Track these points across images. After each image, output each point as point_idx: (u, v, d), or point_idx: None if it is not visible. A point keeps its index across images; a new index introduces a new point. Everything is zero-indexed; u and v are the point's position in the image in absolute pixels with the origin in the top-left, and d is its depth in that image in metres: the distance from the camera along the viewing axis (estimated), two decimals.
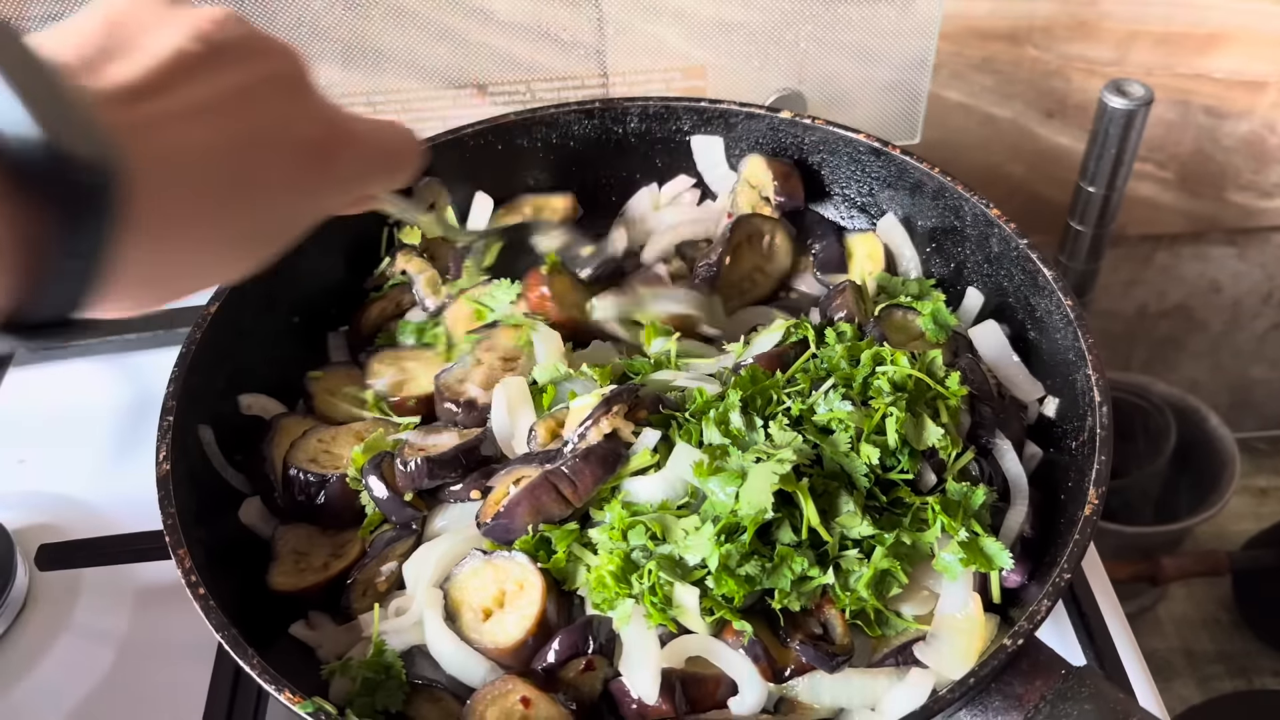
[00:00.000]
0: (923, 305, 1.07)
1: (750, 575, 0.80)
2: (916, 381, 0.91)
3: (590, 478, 0.85)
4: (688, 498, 0.85)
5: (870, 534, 0.84)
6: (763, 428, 0.87)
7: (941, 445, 0.89)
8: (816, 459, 0.86)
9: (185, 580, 0.82)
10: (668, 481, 0.85)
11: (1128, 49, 1.57)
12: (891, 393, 0.90)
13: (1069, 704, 0.75)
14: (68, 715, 1.05)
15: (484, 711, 0.80)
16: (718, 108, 1.23)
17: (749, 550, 0.80)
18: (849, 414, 0.87)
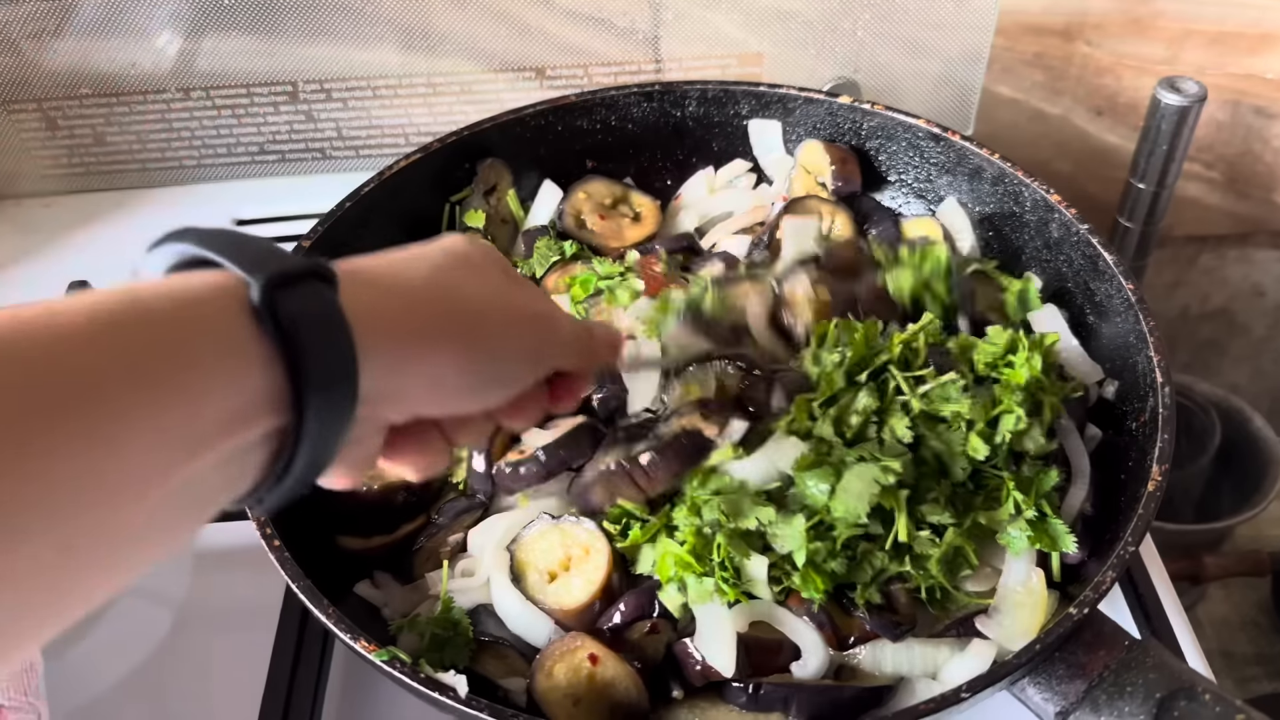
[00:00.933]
0: (1011, 283, 1.08)
1: (835, 571, 0.81)
2: (1038, 383, 0.91)
3: (666, 472, 0.86)
4: (776, 484, 0.86)
5: (950, 522, 0.84)
6: (876, 424, 0.87)
7: (1038, 448, 0.90)
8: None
9: (261, 534, 0.84)
10: (759, 467, 0.86)
11: (1180, 47, 1.58)
12: (1019, 390, 0.90)
13: (1133, 673, 0.76)
14: (128, 675, 1.06)
15: (552, 667, 0.81)
16: (776, 92, 1.24)
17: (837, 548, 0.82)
18: (969, 407, 0.88)
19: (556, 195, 1.24)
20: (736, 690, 0.81)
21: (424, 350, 0.58)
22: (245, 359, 0.47)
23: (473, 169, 1.23)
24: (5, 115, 1.45)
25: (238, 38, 1.39)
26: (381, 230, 1.15)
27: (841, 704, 0.81)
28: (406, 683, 0.75)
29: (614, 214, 1.26)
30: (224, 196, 1.52)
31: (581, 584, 0.86)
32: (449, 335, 0.59)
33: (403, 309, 0.57)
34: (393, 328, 0.56)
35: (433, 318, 0.59)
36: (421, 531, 0.95)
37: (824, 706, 0.80)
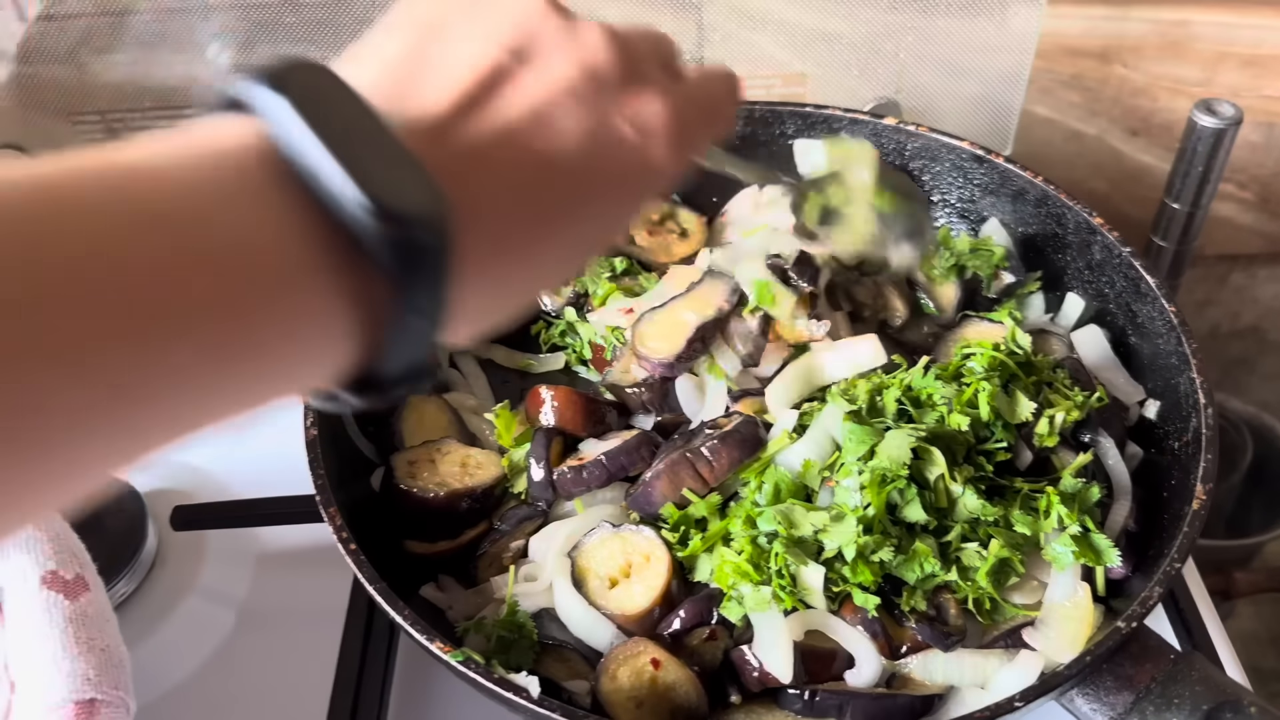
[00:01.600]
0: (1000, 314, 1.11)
1: (884, 560, 0.84)
2: (1005, 362, 0.96)
3: (728, 459, 0.90)
4: (834, 456, 0.89)
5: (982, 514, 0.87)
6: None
7: (1038, 423, 0.94)
8: None
9: (337, 536, 0.87)
10: (815, 441, 0.89)
11: (1215, 70, 1.60)
12: (984, 371, 0.94)
13: (1179, 685, 0.79)
14: (192, 673, 1.09)
15: (616, 670, 0.85)
16: (822, 113, 1.27)
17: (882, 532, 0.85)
18: (942, 387, 0.93)
19: None
20: (792, 697, 0.85)
21: (536, 249, 0.51)
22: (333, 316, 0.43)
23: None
24: (68, 124, 1.50)
25: (291, 51, 1.43)
26: None
27: (894, 712, 0.84)
28: (480, 683, 0.78)
29: (661, 230, 1.29)
30: None
31: (643, 590, 0.89)
32: (559, 214, 0.51)
33: (512, 199, 0.49)
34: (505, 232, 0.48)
35: (541, 194, 0.50)
36: (484, 537, 0.99)
37: (877, 714, 0.83)
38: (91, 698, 0.79)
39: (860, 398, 0.95)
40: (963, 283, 1.14)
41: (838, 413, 0.92)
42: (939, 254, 1.15)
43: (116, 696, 0.80)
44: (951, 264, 1.14)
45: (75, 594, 0.84)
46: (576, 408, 1.03)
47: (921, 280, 1.15)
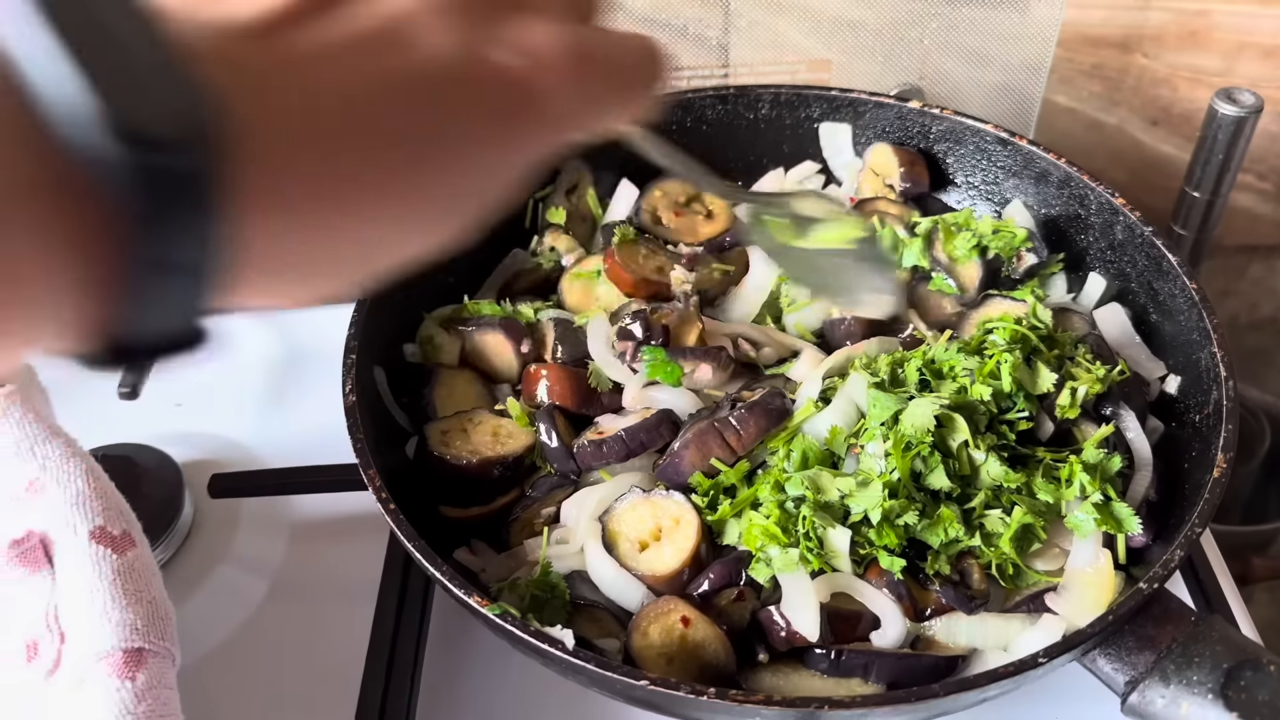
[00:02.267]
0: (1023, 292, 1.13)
1: (909, 524, 0.87)
2: (1026, 335, 0.98)
3: (755, 428, 0.92)
4: (859, 424, 0.92)
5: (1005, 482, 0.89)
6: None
7: (1059, 394, 0.96)
8: None
9: (376, 497, 0.90)
10: (841, 409, 0.92)
11: (1235, 60, 1.62)
12: (1006, 344, 0.96)
13: (1200, 645, 0.80)
14: (227, 639, 1.12)
15: (647, 628, 0.87)
16: (847, 96, 1.29)
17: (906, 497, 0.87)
18: (964, 359, 0.95)
19: (633, 194, 1.30)
20: (819, 656, 0.87)
21: (341, 204, 0.41)
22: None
23: (555, 167, 1.29)
24: None
25: None
26: None
27: (919, 671, 0.85)
28: (517, 635, 0.80)
29: (688, 211, 1.31)
30: None
31: (673, 552, 0.91)
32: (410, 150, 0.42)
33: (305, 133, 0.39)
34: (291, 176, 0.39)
35: (383, 122, 0.41)
36: (516, 504, 1.01)
37: (902, 673, 0.85)
38: (139, 647, 0.81)
39: (882, 370, 0.98)
40: (985, 263, 1.16)
41: (862, 382, 0.94)
42: (961, 235, 1.17)
43: (163, 647, 0.83)
44: (974, 245, 1.16)
45: (123, 549, 0.86)
46: (569, 384, 1.05)
47: (943, 260, 1.16)
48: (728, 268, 1.19)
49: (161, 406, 1.32)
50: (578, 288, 1.20)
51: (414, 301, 1.16)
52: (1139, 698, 0.81)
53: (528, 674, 1.00)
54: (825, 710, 0.76)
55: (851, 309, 1.08)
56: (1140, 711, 0.81)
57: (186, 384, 1.35)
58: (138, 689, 0.79)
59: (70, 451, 0.91)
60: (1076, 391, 0.97)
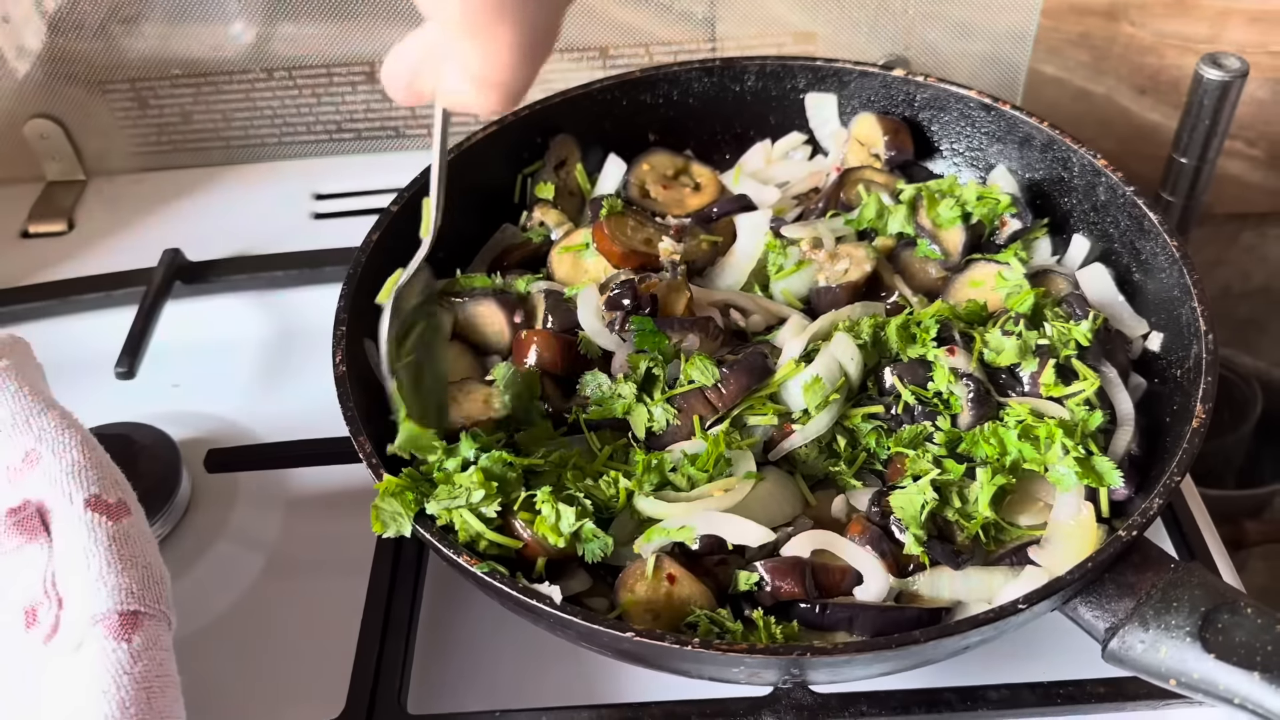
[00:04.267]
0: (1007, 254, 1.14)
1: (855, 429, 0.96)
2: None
3: (736, 386, 0.93)
4: (841, 381, 0.93)
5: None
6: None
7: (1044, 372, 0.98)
8: None
9: (367, 463, 0.91)
10: (824, 365, 0.93)
11: (1222, 26, 1.62)
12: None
13: (1179, 590, 0.82)
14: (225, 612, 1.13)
15: (634, 584, 0.88)
16: (832, 66, 1.30)
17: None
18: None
19: (621, 168, 1.31)
20: (804, 610, 0.88)
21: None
22: None
23: (544, 143, 1.30)
24: (99, 95, 1.54)
25: (318, 21, 1.47)
26: (458, 200, 1.21)
27: (901, 623, 0.86)
28: (506, 592, 0.81)
29: (675, 184, 1.32)
30: (303, 173, 1.61)
31: None
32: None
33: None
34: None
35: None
36: None
37: (884, 625, 0.86)
38: (135, 609, 0.82)
39: (865, 332, 0.99)
40: (968, 228, 1.17)
41: (846, 339, 0.95)
42: (944, 201, 1.17)
43: (158, 610, 0.84)
44: (957, 211, 1.16)
45: (118, 516, 0.88)
46: (558, 350, 1.06)
47: (927, 226, 1.17)
48: (715, 238, 1.19)
49: (158, 386, 1.33)
50: (567, 261, 1.21)
51: None
52: (1119, 643, 0.82)
53: (521, 635, 1.02)
54: (808, 657, 0.77)
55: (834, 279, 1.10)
56: (1120, 657, 0.82)
57: (182, 364, 1.37)
58: (134, 650, 0.80)
59: (65, 423, 0.93)
60: (1057, 362, 0.99)
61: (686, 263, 1.15)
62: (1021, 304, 1.03)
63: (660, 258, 1.16)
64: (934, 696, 0.91)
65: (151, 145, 1.59)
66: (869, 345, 1.01)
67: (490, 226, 1.28)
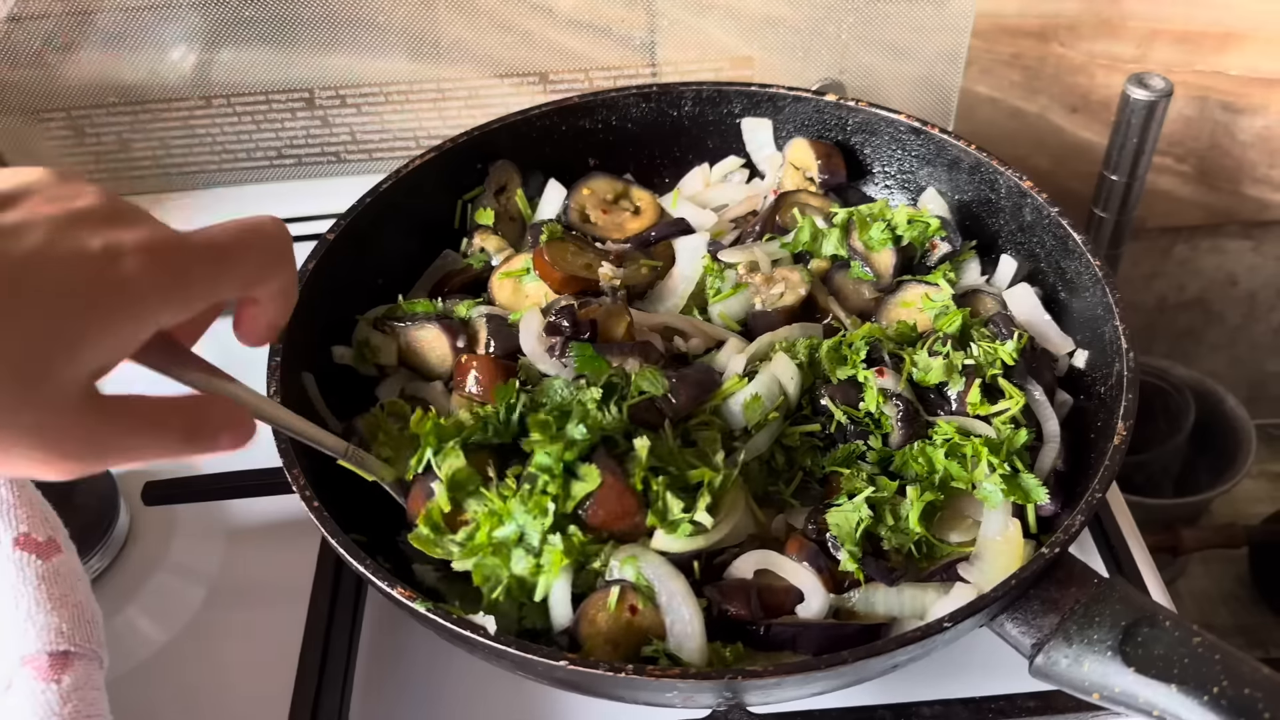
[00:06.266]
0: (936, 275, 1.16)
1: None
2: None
3: (686, 397, 0.95)
4: (780, 400, 0.95)
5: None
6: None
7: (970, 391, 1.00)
8: None
9: (301, 495, 0.91)
10: (764, 384, 0.96)
11: (1149, 46, 1.67)
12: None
13: (1100, 605, 0.83)
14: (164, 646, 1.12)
15: (595, 615, 0.88)
16: (767, 91, 1.32)
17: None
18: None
19: (561, 193, 1.32)
20: (750, 631, 0.89)
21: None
22: None
23: (484, 169, 1.30)
24: (35, 124, 1.53)
25: (257, 48, 1.47)
26: (398, 226, 1.22)
27: (841, 640, 0.87)
28: (441, 625, 0.81)
29: (615, 208, 1.33)
30: (243, 199, 1.60)
31: None
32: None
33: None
34: None
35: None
36: None
37: (826, 643, 0.88)
38: (65, 650, 0.82)
39: (800, 353, 1.01)
40: (899, 250, 1.19)
41: (786, 360, 0.98)
42: (875, 224, 1.19)
43: (89, 649, 0.84)
44: (888, 234, 1.18)
45: (48, 555, 0.87)
46: (497, 375, 1.06)
47: (860, 248, 1.19)
48: (655, 263, 1.21)
49: None
50: (507, 286, 1.21)
51: (343, 304, 1.17)
52: (1044, 659, 0.84)
53: (463, 663, 1.02)
54: (740, 680, 0.78)
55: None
56: (1046, 672, 0.84)
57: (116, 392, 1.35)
58: (63, 690, 0.80)
59: None
60: (983, 381, 1.01)
61: (626, 287, 1.17)
62: (949, 325, 1.06)
63: (600, 283, 1.17)
64: (869, 714, 0.92)
65: (89, 174, 1.58)
66: (805, 365, 1.02)
67: (431, 252, 1.28)
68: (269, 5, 1.44)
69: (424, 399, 1.13)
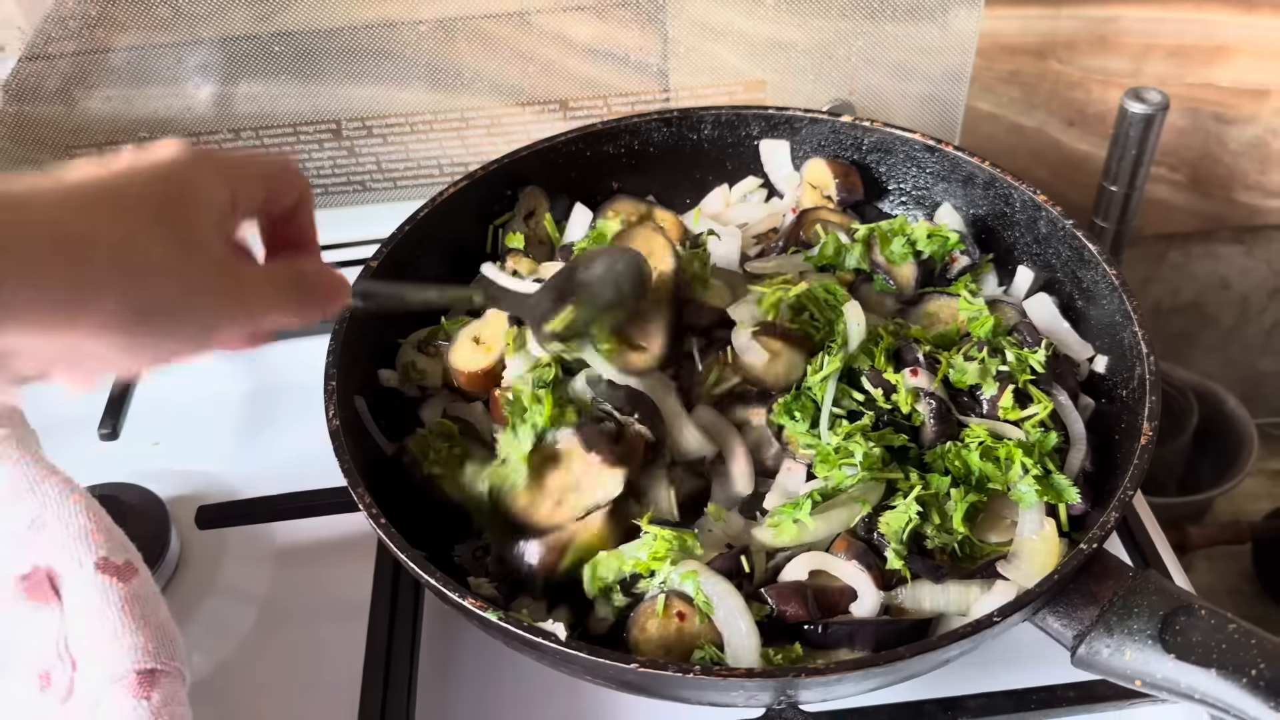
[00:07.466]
0: (958, 286, 1.21)
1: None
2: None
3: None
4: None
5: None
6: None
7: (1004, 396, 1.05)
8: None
9: (367, 512, 0.94)
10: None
11: (1142, 61, 1.73)
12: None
13: (1138, 597, 0.88)
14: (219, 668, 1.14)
15: (645, 622, 0.93)
16: (784, 114, 1.37)
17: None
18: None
19: (587, 215, 1.36)
20: (809, 631, 0.93)
21: (78, 316, 0.56)
22: None
23: (513, 195, 1.35)
24: (67, 159, 1.56)
25: (285, 81, 1.51)
26: (434, 251, 1.26)
27: (897, 635, 0.92)
28: (513, 632, 0.85)
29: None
30: None
31: None
32: (113, 301, 0.58)
33: (67, 265, 0.56)
34: (47, 285, 0.55)
35: (97, 281, 0.57)
36: None
37: (883, 637, 0.92)
38: (151, 668, 0.85)
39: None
40: (919, 264, 1.24)
41: (856, 308, 1.10)
42: (896, 239, 1.24)
43: (174, 667, 0.87)
44: (908, 249, 1.23)
45: (127, 577, 0.90)
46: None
47: (882, 262, 1.24)
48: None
49: (140, 445, 1.35)
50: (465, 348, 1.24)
51: (387, 329, 1.21)
52: (1086, 649, 0.88)
53: (519, 669, 1.06)
54: (803, 678, 0.82)
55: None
56: (1089, 662, 0.88)
57: (162, 422, 1.39)
58: (153, 707, 0.83)
59: (68, 489, 0.95)
60: (1015, 387, 1.06)
61: None
62: (981, 328, 1.10)
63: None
64: (917, 709, 0.96)
65: None
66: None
67: (465, 277, 1.32)
68: (296, 39, 1.48)
69: (466, 419, 1.17)
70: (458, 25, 1.48)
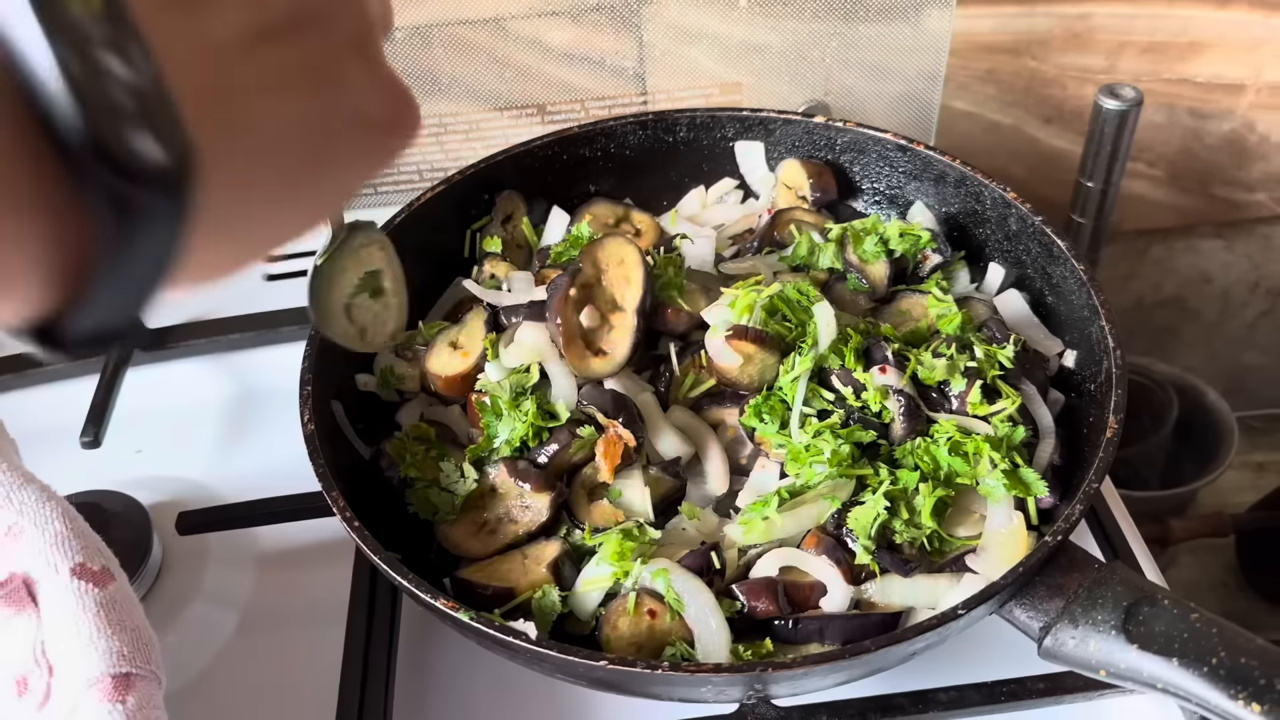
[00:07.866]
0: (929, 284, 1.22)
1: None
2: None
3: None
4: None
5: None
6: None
7: (971, 391, 1.06)
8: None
9: (341, 515, 0.95)
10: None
11: (1117, 58, 1.74)
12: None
13: (1103, 588, 0.89)
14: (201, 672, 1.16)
15: (617, 620, 0.94)
16: (758, 115, 1.38)
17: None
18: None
19: (565, 219, 1.37)
20: (779, 626, 0.94)
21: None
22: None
23: (491, 199, 1.36)
24: None
25: None
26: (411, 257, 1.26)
27: (867, 629, 0.93)
28: (485, 632, 0.86)
29: (617, 231, 1.39)
30: None
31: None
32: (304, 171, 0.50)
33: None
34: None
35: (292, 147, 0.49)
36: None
37: (852, 632, 0.93)
38: (126, 672, 0.86)
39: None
40: (892, 262, 1.25)
41: (827, 307, 1.08)
42: (869, 238, 1.25)
43: (149, 671, 0.88)
44: (881, 248, 1.24)
45: (103, 583, 0.91)
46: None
47: (855, 261, 1.25)
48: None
49: (122, 453, 1.36)
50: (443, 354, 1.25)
51: None
52: (1052, 641, 0.89)
53: (497, 671, 1.07)
54: (770, 672, 0.83)
55: None
56: (1055, 653, 0.89)
57: (145, 429, 1.40)
58: (128, 710, 0.84)
59: (45, 496, 0.96)
60: (983, 382, 1.06)
61: None
62: (949, 325, 1.11)
63: None
64: (888, 702, 0.97)
65: None
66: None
67: (443, 282, 1.33)
68: None
69: (443, 422, 1.18)
70: (434, 32, 1.49)
